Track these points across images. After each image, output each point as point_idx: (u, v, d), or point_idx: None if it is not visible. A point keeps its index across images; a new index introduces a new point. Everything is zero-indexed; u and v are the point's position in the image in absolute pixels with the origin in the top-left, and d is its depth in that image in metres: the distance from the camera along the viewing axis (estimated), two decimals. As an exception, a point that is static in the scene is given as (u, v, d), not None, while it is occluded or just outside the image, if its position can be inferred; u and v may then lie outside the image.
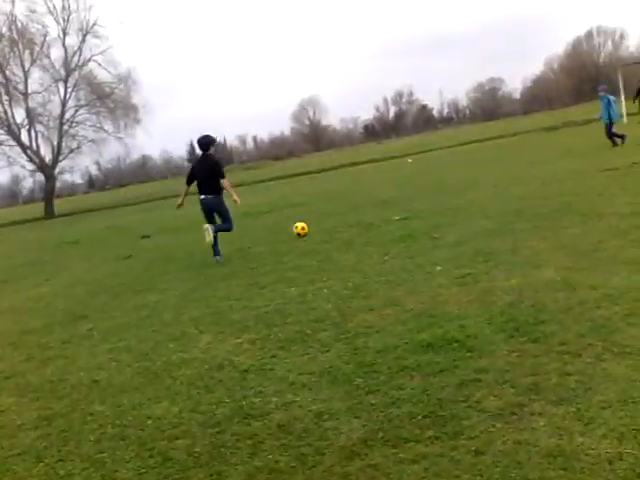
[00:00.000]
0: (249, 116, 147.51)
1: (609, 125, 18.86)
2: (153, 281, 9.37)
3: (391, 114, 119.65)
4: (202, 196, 10.01)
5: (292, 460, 3.24)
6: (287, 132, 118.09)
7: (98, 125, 49.08)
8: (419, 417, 3.44)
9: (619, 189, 10.12)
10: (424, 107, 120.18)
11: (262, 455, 3.35)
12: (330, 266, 8.01)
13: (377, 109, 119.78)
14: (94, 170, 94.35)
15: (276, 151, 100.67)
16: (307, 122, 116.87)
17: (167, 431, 3.88)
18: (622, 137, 18.71)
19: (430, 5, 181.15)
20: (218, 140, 10.27)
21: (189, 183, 10.24)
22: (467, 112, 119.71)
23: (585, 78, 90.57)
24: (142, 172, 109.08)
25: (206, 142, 10.19)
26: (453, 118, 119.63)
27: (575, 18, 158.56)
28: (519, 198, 11.10)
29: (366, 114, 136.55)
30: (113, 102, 48.89)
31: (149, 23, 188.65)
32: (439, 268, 6.78)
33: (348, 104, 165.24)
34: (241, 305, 6.73)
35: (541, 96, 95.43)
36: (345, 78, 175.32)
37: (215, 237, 9.90)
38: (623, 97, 30.06)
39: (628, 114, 27.42)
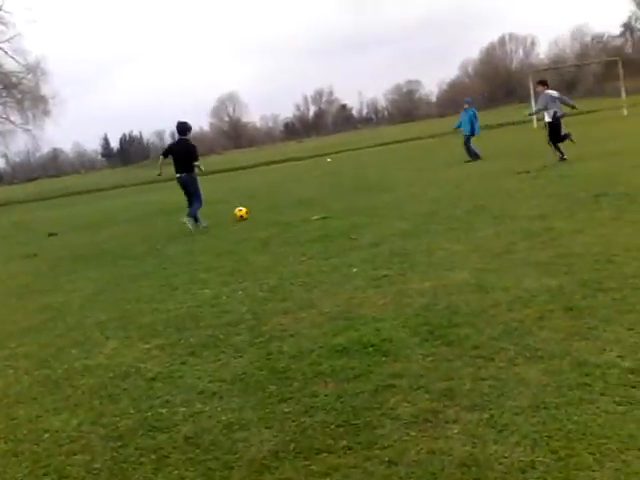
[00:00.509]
0: (166, 111, 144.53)
1: (468, 138, 18.94)
2: (59, 281, 8.91)
3: (311, 113, 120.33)
4: (177, 175, 12.00)
5: (198, 476, 3.05)
6: (206, 128, 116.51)
7: (4, 116, 47.04)
8: (332, 426, 3.32)
9: (530, 191, 10.41)
10: (344, 107, 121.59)
11: (166, 471, 3.15)
12: (245, 267, 7.82)
13: (297, 108, 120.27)
14: (1, 163, 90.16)
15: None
16: (227, 119, 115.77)
17: (65, 446, 3.60)
18: (476, 155, 18.75)
19: (350, 5, 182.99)
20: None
21: (165, 156, 12.27)
22: (386, 113, 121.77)
23: (498, 83, 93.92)
24: (53, 166, 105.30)
25: (183, 128, 12.14)
26: (372, 118, 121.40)
27: (490, 23, 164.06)
28: (434, 199, 11.24)
29: (287, 112, 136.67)
30: (21, 92, 46.87)
31: (61, 15, 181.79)
32: (355, 270, 6.72)
33: (268, 102, 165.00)
34: (151, 308, 6.45)
35: (456, 99, 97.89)
36: (265, 75, 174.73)
37: (195, 219, 11.86)
38: (534, 102, 31.25)
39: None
